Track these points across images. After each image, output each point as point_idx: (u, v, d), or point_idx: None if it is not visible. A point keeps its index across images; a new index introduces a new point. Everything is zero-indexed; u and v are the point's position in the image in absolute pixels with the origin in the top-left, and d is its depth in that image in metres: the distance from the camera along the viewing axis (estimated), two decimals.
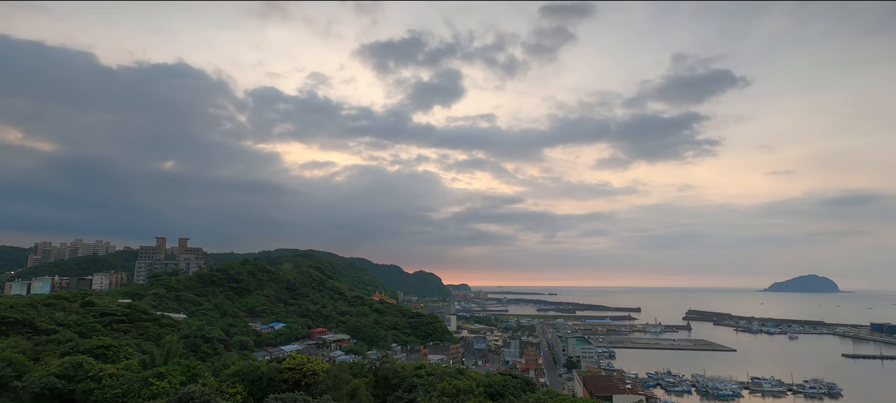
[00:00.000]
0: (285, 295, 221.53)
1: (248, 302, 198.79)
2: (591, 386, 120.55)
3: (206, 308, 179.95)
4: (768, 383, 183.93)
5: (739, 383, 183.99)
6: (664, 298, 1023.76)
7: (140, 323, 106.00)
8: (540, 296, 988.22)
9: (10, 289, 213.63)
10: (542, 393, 60.00)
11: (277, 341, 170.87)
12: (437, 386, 53.73)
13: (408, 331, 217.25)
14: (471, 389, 53.37)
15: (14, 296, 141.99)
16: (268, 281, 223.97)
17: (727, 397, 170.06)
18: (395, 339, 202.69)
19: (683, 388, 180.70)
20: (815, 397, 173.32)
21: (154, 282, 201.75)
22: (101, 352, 60.15)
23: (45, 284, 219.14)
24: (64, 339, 69.82)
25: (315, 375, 49.70)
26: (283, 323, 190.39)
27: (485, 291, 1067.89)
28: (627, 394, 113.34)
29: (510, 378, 64.98)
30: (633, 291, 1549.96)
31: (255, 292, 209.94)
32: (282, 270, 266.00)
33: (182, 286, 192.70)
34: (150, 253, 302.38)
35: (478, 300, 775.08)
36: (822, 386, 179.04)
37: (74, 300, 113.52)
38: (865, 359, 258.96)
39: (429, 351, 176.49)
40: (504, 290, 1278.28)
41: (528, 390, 62.01)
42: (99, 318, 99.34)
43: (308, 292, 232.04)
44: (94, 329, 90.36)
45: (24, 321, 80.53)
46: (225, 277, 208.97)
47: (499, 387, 58.76)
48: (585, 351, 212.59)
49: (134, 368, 49.51)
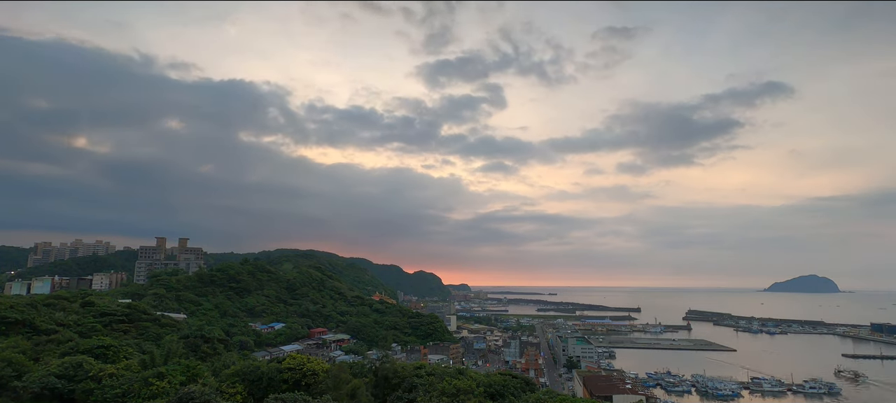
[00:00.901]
0: (285, 295, 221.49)
1: (248, 302, 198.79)
2: (591, 386, 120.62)
3: (206, 308, 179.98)
4: (768, 383, 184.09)
5: (739, 383, 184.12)
6: (664, 298, 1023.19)
7: (140, 323, 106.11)
8: (540, 296, 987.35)
9: (10, 289, 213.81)
10: (542, 393, 59.97)
11: (277, 341, 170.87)
12: (437, 386, 53.73)
13: (408, 331, 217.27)
14: (471, 389, 53.41)
15: (14, 296, 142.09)
16: (268, 281, 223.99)
17: (727, 397, 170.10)
18: (395, 339, 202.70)
19: (683, 388, 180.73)
20: (814, 397, 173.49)
21: (154, 282, 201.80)
22: (101, 352, 60.10)
23: (45, 284, 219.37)
24: (64, 339, 69.84)
25: (315, 375, 49.65)
26: (283, 323, 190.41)
27: (485, 291, 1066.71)
28: (627, 394, 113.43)
29: (510, 378, 64.91)
30: (634, 291, 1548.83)
31: (255, 292, 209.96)
32: (282, 270, 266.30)
33: (182, 286, 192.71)
34: (150, 253, 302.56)
35: (478, 300, 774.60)
36: (822, 386, 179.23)
37: (74, 300, 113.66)
38: (865, 359, 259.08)
39: (429, 351, 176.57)
40: (504, 290, 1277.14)
41: (528, 390, 61.96)
42: (99, 318, 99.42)
43: (308, 292, 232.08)
44: (94, 329, 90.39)
45: (24, 321, 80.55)
46: (225, 277, 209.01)
47: (499, 387, 58.70)
48: (585, 351, 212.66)
49: (134, 368, 49.52)
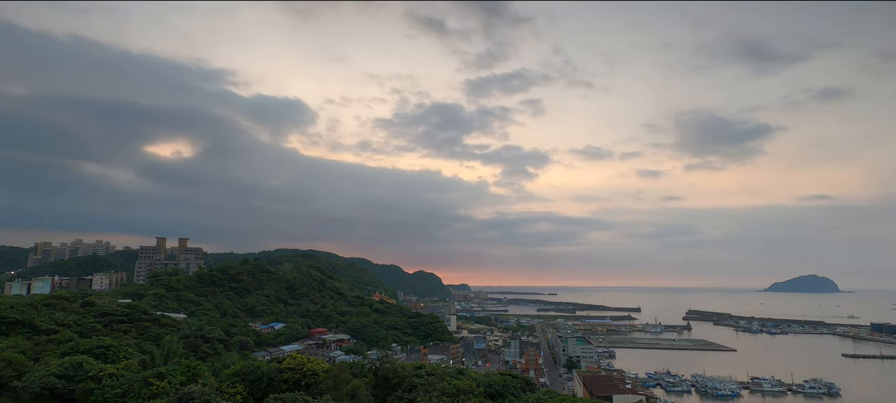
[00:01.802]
0: (285, 295, 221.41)
1: (248, 302, 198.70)
2: (591, 386, 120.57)
3: (206, 308, 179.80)
4: (768, 383, 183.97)
5: (739, 383, 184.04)
6: (664, 298, 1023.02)
7: (140, 323, 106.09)
8: (540, 296, 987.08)
9: (10, 289, 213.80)
10: (542, 393, 59.97)
11: (277, 341, 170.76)
12: (437, 386, 53.73)
13: (408, 331, 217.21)
14: (471, 389, 53.44)
15: (14, 296, 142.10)
16: (268, 281, 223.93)
17: (727, 397, 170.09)
18: (395, 339, 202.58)
19: (683, 388, 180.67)
20: (814, 397, 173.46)
21: (154, 282, 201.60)
22: (101, 352, 60.15)
23: (45, 284, 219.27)
24: (64, 339, 69.87)
25: (315, 375, 49.70)
26: (283, 323, 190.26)
27: (485, 291, 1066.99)
28: (627, 394, 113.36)
29: (510, 378, 64.96)
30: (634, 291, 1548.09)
31: (255, 292, 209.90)
32: (282, 270, 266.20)
33: (182, 286, 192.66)
34: (150, 253, 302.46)
35: (478, 300, 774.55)
36: (822, 386, 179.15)
37: (74, 300, 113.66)
38: (865, 359, 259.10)
39: (429, 351, 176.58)
40: (504, 290, 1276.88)
41: (528, 390, 61.99)
42: (99, 318, 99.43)
43: (308, 292, 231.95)
44: (94, 329, 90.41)
45: (24, 321, 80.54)
46: (225, 277, 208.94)
47: (499, 387, 58.72)
48: (585, 351, 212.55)
49: (134, 368, 49.56)
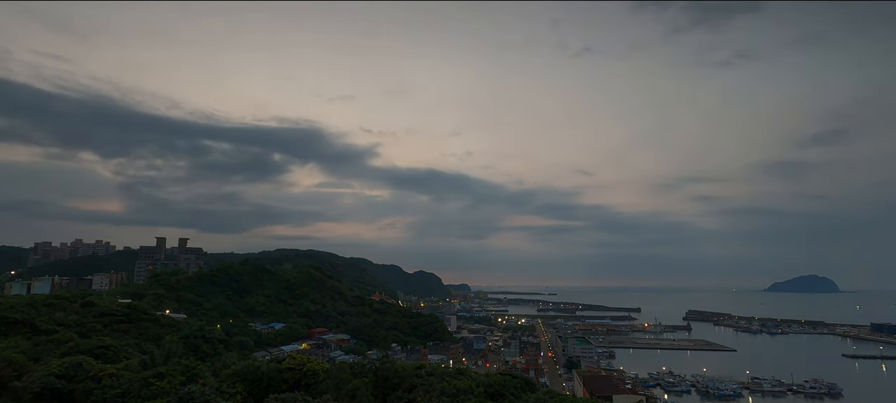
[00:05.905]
0: (285, 295, 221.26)
1: (248, 302, 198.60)
2: (591, 386, 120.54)
3: (206, 308, 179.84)
4: (768, 383, 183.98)
5: (739, 383, 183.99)
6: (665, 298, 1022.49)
7: (140, 323, 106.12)
8: (540, 296, 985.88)
9: (10, 289, 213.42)
10: (542, 393, 59.91)
11: (277, 341, 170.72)
12: (437, 386, 53.64)
13: (408, 331, 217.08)
14: (471, 389, 53.35)
15: (14, 296, 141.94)
16: (268, 281, 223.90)
17: (727, 397, 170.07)
18: (395, 339, 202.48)
19: (683, 388, 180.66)
20: (815, 397, 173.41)
21: (154, 282, 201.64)
22: (101, 352, 60.04)
23: (45, 284, 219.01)
24: (64, 339, 69.76)
25: (315, 375, 49.65)
26: (283, 323, 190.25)
27: (485, 291, 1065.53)
28: (627, 394, 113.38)
29: (510, 378, 64.83)
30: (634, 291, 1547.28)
31: (255, 292, 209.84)
32: (282, 270, 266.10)
33: (182, 286, 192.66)
34: (150, 253, 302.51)
35: (478, 300, 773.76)
36: (822, 386, 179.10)
37: (74, 300, 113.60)
38: (865, 359, 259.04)
39: (429, 351, 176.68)
40: (504, 290, 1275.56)
41: (528, 390, 61.89)
42: (99, 318, 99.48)
43: (308, 292, 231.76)
44: (94, 329, 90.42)
45: (24, 321, 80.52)
46: (225, 277, 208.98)
47: (499, 387, 58.57)
48: (585, 351, 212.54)
49: (134, 368, 49.47)
